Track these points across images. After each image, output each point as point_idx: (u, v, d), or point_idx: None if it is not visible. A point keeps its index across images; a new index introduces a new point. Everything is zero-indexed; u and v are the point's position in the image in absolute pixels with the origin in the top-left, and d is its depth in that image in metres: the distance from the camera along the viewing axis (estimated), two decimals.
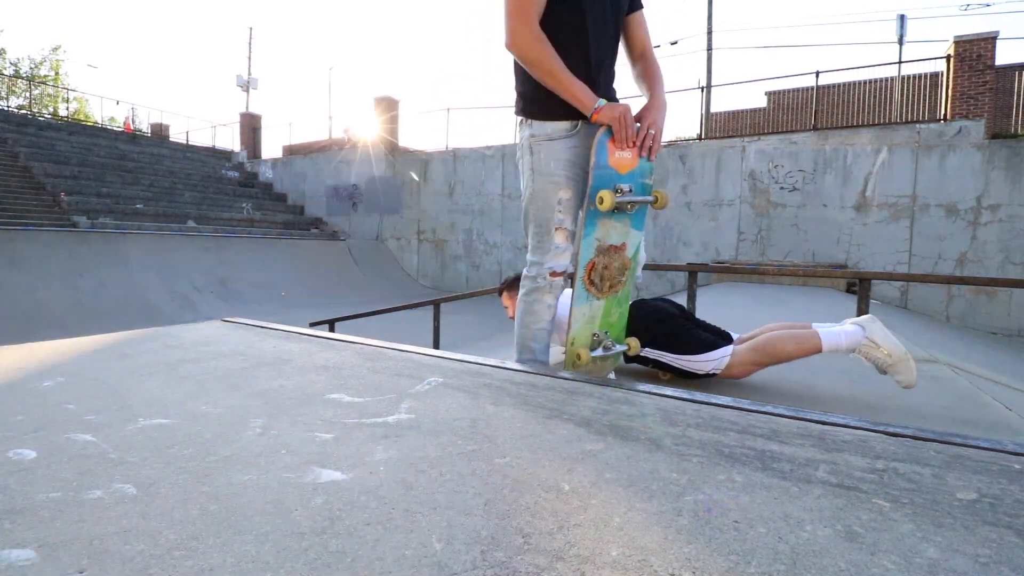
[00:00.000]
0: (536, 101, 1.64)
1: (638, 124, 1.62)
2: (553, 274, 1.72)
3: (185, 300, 10.49)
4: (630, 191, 1.66)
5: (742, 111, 18.43)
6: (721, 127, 18.11)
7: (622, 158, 1.63)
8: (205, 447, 1.00)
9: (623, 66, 1.82)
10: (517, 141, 1.75)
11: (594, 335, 1.80)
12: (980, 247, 8.69)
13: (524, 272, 1.79)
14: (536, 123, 1.66)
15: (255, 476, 0.88)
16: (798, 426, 1.13)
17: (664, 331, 2.06)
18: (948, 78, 9.28)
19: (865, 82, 14.77)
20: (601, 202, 1.57)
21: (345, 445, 1.02)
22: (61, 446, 1.00)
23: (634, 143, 1.61)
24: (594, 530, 0.72)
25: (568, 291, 1.84)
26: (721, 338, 2.06)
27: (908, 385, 1.80)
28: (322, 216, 16.92)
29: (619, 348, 1.87)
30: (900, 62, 10.94)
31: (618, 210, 1.64)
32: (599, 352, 1.78)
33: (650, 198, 1.70)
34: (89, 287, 9.48)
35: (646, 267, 5.57)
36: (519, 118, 1.71)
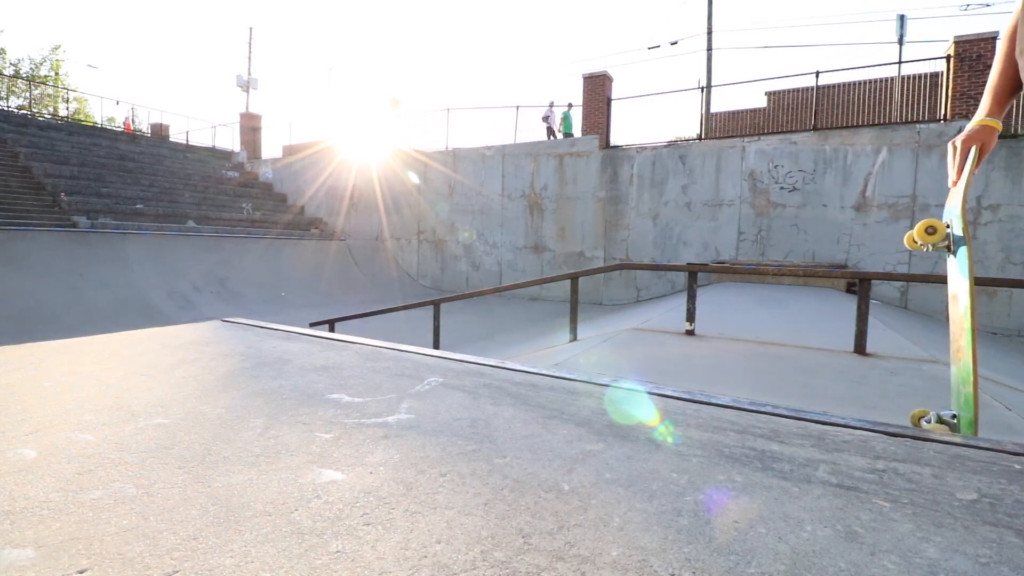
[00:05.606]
0: None
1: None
2: None
3: (185, 300, 10.48)
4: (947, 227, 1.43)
5: (742, 111, 18.44)
6: (721, 127, 18.12)
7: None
8: (205, 447, 1.00)
9: None
10: None
11: (931, 413, 1.38)
12: (980, 247, 8.69)
13: None
14: None
15: (255, 476, 0.88)
16: (798, 426, 1.13)
17: None
18: (948, 78, 9.28)
19: (865, 82, 14.80)
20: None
21: (345, 445, 1.02)
22: (61, 446, 1.00)
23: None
24: (594, 530, 0.72)
25: None
26: None
27: None
28: (322, 216, 16.92)
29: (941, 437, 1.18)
30: (900, 62, 10.93)
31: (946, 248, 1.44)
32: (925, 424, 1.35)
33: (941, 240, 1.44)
34: (89, 287, 9.48)
35: (646, 267, 5.51)
36: None
